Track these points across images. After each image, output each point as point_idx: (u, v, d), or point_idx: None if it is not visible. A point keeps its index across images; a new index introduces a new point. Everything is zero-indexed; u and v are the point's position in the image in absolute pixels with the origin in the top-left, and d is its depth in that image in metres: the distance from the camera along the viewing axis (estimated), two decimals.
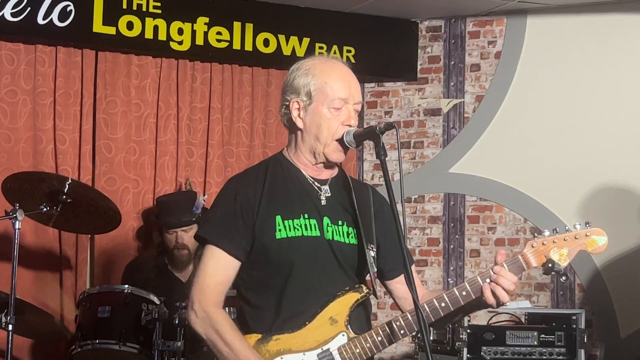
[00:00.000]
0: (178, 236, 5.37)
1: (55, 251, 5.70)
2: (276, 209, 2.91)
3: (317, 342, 2.86)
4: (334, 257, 2.93)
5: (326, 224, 2.94)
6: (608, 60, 6.28)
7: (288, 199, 2.93)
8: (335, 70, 2.96)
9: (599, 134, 6.25)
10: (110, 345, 4.51)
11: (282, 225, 2.89)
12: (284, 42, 6.35)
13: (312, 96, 2.92)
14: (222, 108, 6.25)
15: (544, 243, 2.91)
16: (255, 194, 2.92)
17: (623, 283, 6.12)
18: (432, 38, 6.75)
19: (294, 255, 2.89)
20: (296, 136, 3.00)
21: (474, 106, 6.60)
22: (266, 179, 2.96)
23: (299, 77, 2.95)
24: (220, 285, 2.91)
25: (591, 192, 6.22)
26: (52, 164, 5.74)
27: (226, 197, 2.97)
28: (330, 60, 3.04)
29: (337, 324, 2.88)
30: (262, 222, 2.89)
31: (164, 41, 5.97)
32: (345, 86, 2.93)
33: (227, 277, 2.92)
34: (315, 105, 2.92)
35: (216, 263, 2.90)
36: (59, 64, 5.78)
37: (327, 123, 2.91)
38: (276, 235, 2.88)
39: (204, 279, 2.91)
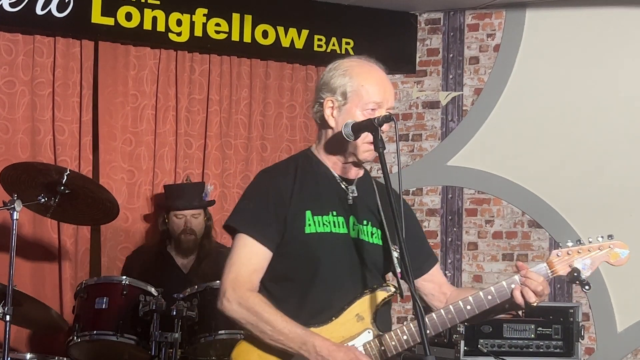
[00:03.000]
0: (187, 220, 5.40)
1: (53, 242, 5.70)
2: (306, 204, 2.94)
3: (343, 337, 2.88)
4: (358, 256, 2.97)
5: (352, 222, 2.99)
6: (607, 53, 6.28)
7: (318, 195, 2.97)
8: (372, 74, 3.01)
9: (597, 126, 6.25)
10: (107, 337, 4.51)
11: (311, 220, 2.93)
12: (283, 34, 6.34)
13: (347, 97, 2.97)
14: (220, 100, 6.25)
15: (569, 253, 2.96)
16: (287, 188, 2.95)
17: (620, 277, 6.12)
18: (431, 31, 6.75)
19: (322, 251, 2.92)
20: (327, 134, 3.04)
21: (472, 99, 6.60)
22: (297, 174, 2.99)
23: (336, 77, 3.00)
24: (254, 273, 2.92)
25: (589, 185, 6.22)
26: (51, 155, 5.73)
27: (259, 190, 3.00)
28: (368, 63, 3.07)
29: (363, 320, 2.91)
30: (293, 216, 2.92)
31: (162, 32, 5.96)
32: (381, 91, 2.97)
33: (260, 265, 2.92)
34: (350, 107, 2.96)
35: (249, 252, 2.91)
36: (58, 54, 5.77)
37: None
38: (305, 229, 2.92)
39: (237, 267, 2.91)
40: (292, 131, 6.50)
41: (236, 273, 2.90)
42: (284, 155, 6.42)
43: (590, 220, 6.22)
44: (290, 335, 2.79)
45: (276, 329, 2.81)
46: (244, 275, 2.89)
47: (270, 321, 2.81)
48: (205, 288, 4.62)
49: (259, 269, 2.92)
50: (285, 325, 2.80)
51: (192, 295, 4.62)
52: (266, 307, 2.84)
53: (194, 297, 4.61)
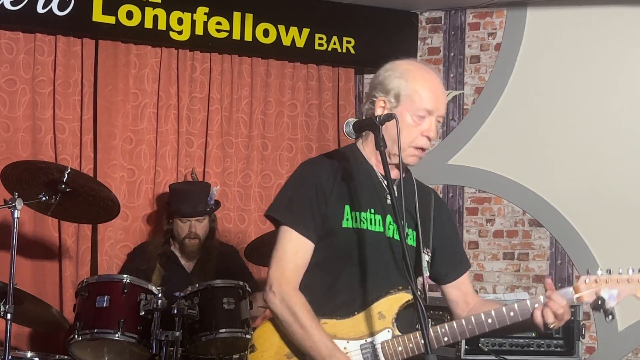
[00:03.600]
0: (191, 225, 5.37)
1: (54, 240, 5.70)
2: (346, 198, 2.98)
3: (362, 333, 2.94)
4: (392, 255, 3.01)
5: (389, 222, 3.02)
6: (608, 52, 6.27)
7: (358, 192, 3.00)
8: (427, 81, 3.01)
9: (598, 125, 6.25)
10: (108, 335, 4.50)
11: (349, 215, 2.97)
12: (284, 33, 6.34)
13: (400, 100, 2.98)
14: (221, 98, 6.24)
15: (597, 281, 2.95)
16: (328, 181, 2.98)
17: None
18: (432, 29, 6.75)
19: (356, 246, 2.97)
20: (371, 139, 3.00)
21: (473, 98, 6.59)
22: (340, 168, 3.02)
23: (391, 78, 3.00)
24: (300, 269, 2.97)
25: (590, 184, 6.22)
26: (52, 153, 5.73)
27: (301, 181, 3.02)
28: (425, 68, 3.08)
29: (384, 319, 2.95)
30: (332, 209, 2.96)
31: (163, 31, 5.96)
32: (434, 98, 2.99)
33: (305, 261, 2.97)
34: (401, 110, 2.96)
35: (296, 246, 2.96)
36: (59, 53, 5.77)
37: (408, 130, 2.96)
38: (343, 223, 2.96)
39: (285, 262, 2.96)
40: (294, 130, 6.49)
41: (284, 268, 2.95)
42: (284, 153, 6.43)
43: (591, 219, 6.22)
44: (319, 345, 2.86)
45: (308, 334, 2.87)
46: (291, 271, 2.95)
47: (306, 326, 2.87)
48: (206, 287, 4.62)
49: (303, 265, 2.98)
50: (317, 334, 2.87)
51: (193, 293, 4.62)
52: (305, 311, 2.89)
53: (194, 295, 4.61)
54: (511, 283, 6.37)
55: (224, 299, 4.63)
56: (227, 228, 6.18)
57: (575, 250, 6.27)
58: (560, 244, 6.31)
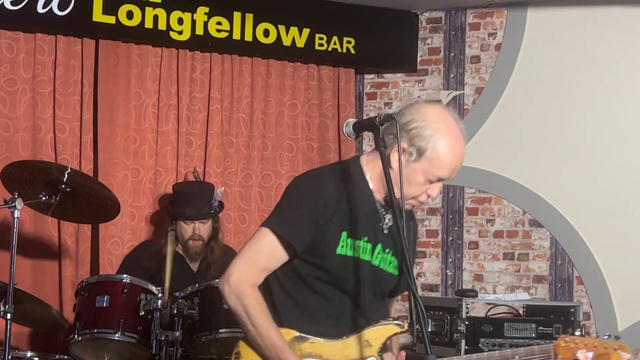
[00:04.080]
0: (195, 227, 5.34)
1: (54, 240, 5.70)
2: (344, 224, 2.96)
3: (347, 357, 2.95)
4: (376, 283, 3.03)
5: (378, 250, 3.02)
6: (608, 52, 6.27)
7: (357, 218, 2.98)
8: (454, 149, 2.94)
9: (598, 125, 6.25)
10: (108, 335, 4.51)
11: (345, 242, 2.96)
12: (284, 33, 6.34)
13: (421, 158, 2.91)
14: (221, 98, 6.24)
15: (576, 342, 3.06)
16: (332, 203, 2.95)
17: (621, 276, 6.13)
18: (432, 29, 6.75)
19: (348, 273, 2.97)
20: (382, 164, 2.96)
21: (473, 98, 6.59)
22: (343, 191, 2.98)
23: (421, 131, 2.90)
24: (265, 271, 2.97)
25: (590, 185, 6.22)
26: (52, 153, 5.73)
27: (305, 197, 2.97)
28: (457, 132, 2.97)
29: (371, 348, 2.97)
30: (330, 233, 2.94)
31: (163, 31, 5.96)
32: (451, 169, 2.96)
33: (273, 266, 2.97)
34: (418, 166, 2.92)
35: (270, 251, 2.95)
36: (59, 52, 5.77)
37: (415, 186, 2.95)
38: (337, 250, 2.95)
39: (252, 260, 2.96)
40: (294, 130, 6.49)
41: (249, 265, 2.95)
42: (285, 153, 6.43)
43: (591, 220, 6.22)
44: (269, 346, 2.88)
45: (259, 333, 2.89)
46: (255, 270, 2.95)
47: (257, 325, 2.89)
48: (206, 287, 4.62)
49: (271, 269, 2.97)
50: (268, 335, 2.88)
51: (193, 293, 4.62)
52: (259, 311, 2.91)
53: (194, 295, 4.61)
54: (511, 283, 6.37)
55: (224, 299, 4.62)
56: (228, 228, 6.18)
57: (575, 250, 6.27)
58: (561, 244, 6.31)
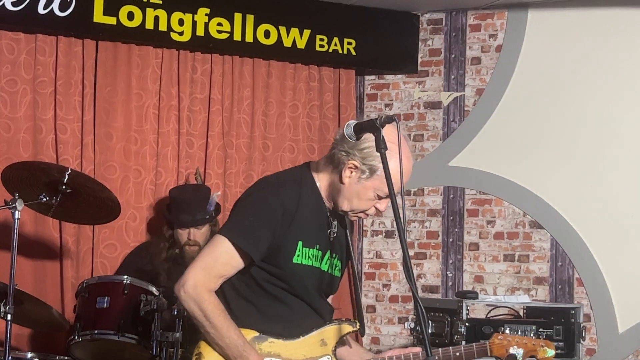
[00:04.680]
0: (191, 233, 5.34)
1: (54, 241, 5.70)
2: (300, 234, 3.12)
3: (304, 356, 3.13)
4: (325, 287, 3.26)
5: (327, 256, 3.22)
6: (609, 54, 6.27)
7: (311, 227, 3.15)
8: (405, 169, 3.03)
9: (599, 127, 6.24)
10: (108, 336, 4.51)
11: (300, 251, 3.12)
12: (285, 34, 6.34)
13: (373, 176, 3.08)
14: (222, 99, 6.25)
15: (508, 339, 3.36)
16: (290, 213, 3.09)
17: (621, 278, 6.13)
18: (433, 31, 6.75)
19: (302, 280, 3.15)
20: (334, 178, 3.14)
21: (474, 99, 6.59)
22: (300, 201, 3.12)
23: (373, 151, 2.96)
24: (221, 278, 3.09)
25: (591, 186, 6.22)
26: (53, 153, 5.73)
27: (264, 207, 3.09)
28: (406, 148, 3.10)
29: (326, 346, 3.18)
30: (287, 243, 3.10)
31: (164, 32, 5.96)
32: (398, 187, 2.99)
33: (230, 274, 3.10)
34: (369, 184, 3.09)
35: (227, 259, 3.07)
36: (60, 53, 5.77)
37: (366, 202, 3.13)
38: (293, 259, 3.11)
39: (209, 268, 3.06)
40: (295, 131, 6.50)
41: (205, 272, 3.05)
42: (286, 154, 6.43)
43: (592, 221, 6.22)
44: (231, 345, 3.02)
45: (220, 334, 3.02)
46: (211, 277, 3.06)
47: (217, 327, 3.02)
48: None
49: (226, 276, 3.10)
50: (229, 335, 3.02)
51: None
52: (217, 313, 3.03)
53: None
54: (512, 285, 6.37)
55: None
56: None
57: (575, 252, 6.27)
58: (561, 246, 6.31)
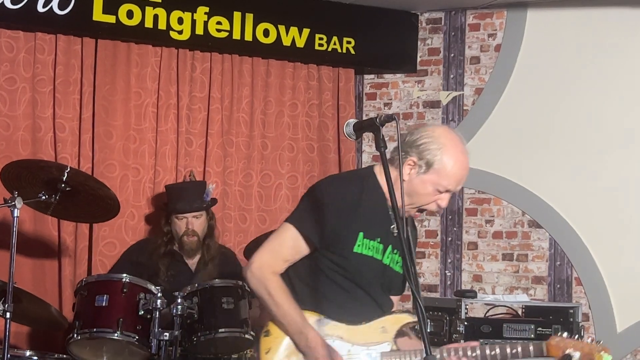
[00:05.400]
0: (188, 222, 5.37)
1: (53, 239, 5.71)
2: (361, 225, 3.23)
3: (365, 341, 3.23)
4: (382, 279, 3.32)
5: (389, 251, 3.31)
6: (608, 53, 6.28)
7: (372, 221, 3.25)
8: (460, 163, 3.27)
9: (598, 126, 6.25)
10: (107, 334, 4.50)
11: (361, 241, 3.24)
12: (284, 33, 6.34)
13: (430, 170, 3.22)
14: (221, 98, 6.25)
15: (566, 342, 3.33)
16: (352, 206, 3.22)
17: (620, 277, 6.13)
18: (432, 30, 6.75)
19: (363, 270, 3.25)
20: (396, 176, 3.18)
21: (473, 99, 6.60)
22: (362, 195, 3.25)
23: (429, 146, 3.21)
24: (285, 262, 3.25)
25: (589, 185, 6.22)
26: (51, 152, 5.73)
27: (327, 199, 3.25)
28: (462, 147, 3.31)
29: (386, 334, 3.26)
30: (349, 233, 3.22)
31: (163, 30, 5.96)
32: (459, 181, 3.29)
33: (294, 259, 3.26)
34: (427, 178, 3.22)
35: (292, 244, 3.25)
36: (59, 52, 5.77)
37: (426, 197, 3.25)
38: (354, 248, 3.23)
39: (274, 252, 3.26)
40: (294, 129, 6.50)
41: (271, 254, 3.25)
42: (285, 153, 6.43)
43: (590, 221, 6.23)
44: (291, 322, 3.16)
45: (281, 311, 3.17)
46: (276, 260, 3.23)
47: (279, 305, 3.17)
48: (206, 286, 4.63)
49: (290, 261, 3.25)
50: (290, 312, 3.17)
51: (193, 293, 4.62)
52: (280, 292, 3.19)
53: (194, 295, 4.61)
54: (510, 284, 6.37)
55: (223, 298, 4.64)
56: (228, 227, 6.19)
57: (574, 251, 6.27)
58: (560, 245, 6.31)
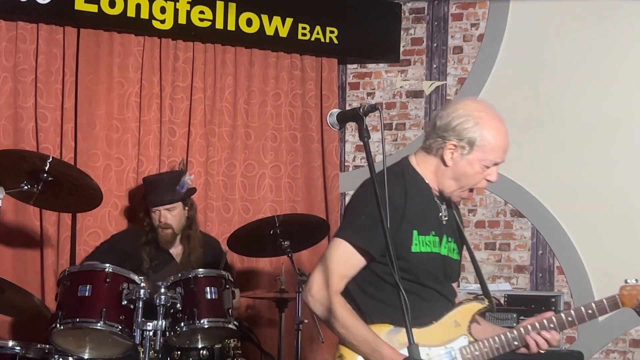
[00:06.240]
0: (161, 215, 5.35)
1: (36, 229, 5.69)
2: (413, 223, 3.15)
3: (442, 340, 3.16)
4: (444, 270, 3.26)
5: (444, 241, 3.25)
6: (590, 43, 6.30)
7: (422, 215, 3.18)
8: (501, 132, 3.20)
9: (580, 116, 6.28)
10: (90, 324, 4.49)
11: (417, 239, 3.16)
12: (267, 22, 6.33)
13: (474, 149, 3.14)
14: (204, 87, 6.23)
15: (638, 288, 3.22)
16: (400, 206, 3.11)
17: (602, 266, 6.16)
18: (415, 20, 6.75)
19: (424, 267, 3.17)
20: (437, 164, 3.19)
21: (456, 88, 6.61)
22: (407, 191, 3.16)
23: (465, 124, 3.12)
24: (344, 278, 3.12)
25: (571, 175, 6.25)
26: (33, 142, 5.71)
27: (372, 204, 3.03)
28: (497, 115, 3.22)
29: (460, 327, 3.21)
30: (403, 234, 3.12)
31: (146, 20, 5.94)
32: (504, 152, 3.21)
33: (351, 273, 3.14)
34: (472, 157, 3.15)
35: (345, 258, 3.12)
36: (41, 41, 5.74)
37: (475, 176, 3.18)
38: (412, 248, 3.15)
39: (332, 268, 3.10)
40: (277, 119, 6.49)
41: (327, 275, 3.10)
42: (268, 143, 6.42)
43: (572, 210, 6.25)
44: (362, 342, 3.05)
45: (351, 333, 3.06)
46: (334, 278, 3.10)
47: (347, 326, 3.06)
48: (189, 276, 4.62)
49: (349, 276, 3.14)
50: (359, 332, 3.06)
51: (176, 283, 4.61)
52: (345, 313, 3.07)
53: (177, 285, 4.60)
54: (492, 273, 6.40)
55: (206, 288, 4.63)
56: (211, 217, 6.18)
57: (556, 240, 6.30)
58: (542, 235, 6.34)
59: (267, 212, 6.25)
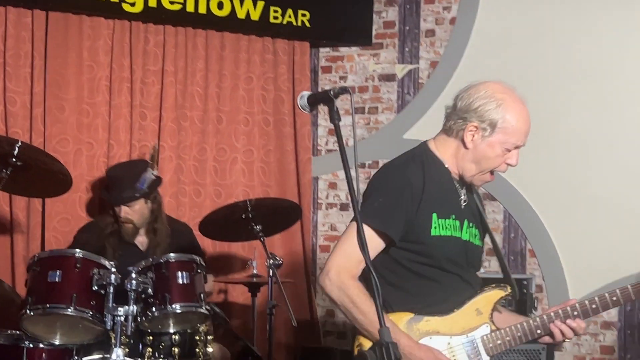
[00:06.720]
0: (122, 210, 5.29)
1: (5, 215, 5.64)
2: (433, 206, 3.11)
3: (463, 329, 3.15)
4: (468, 256, 3.23)
5: (465, 226, 3.21)
6: (563, 26, 6.31)
7: (442, 199, 3.15)
8: (523, 115, 3.18)
9: (551, 98, 6.29)
10: (60, 310, 4.45)
11: (437, 223, 3.11)
12: (239, 5, 6.30)
13: (495, 131, 3.13)
14: (175, 71, 6.19)
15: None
16: (418, 189, 3.09)
17: (573, 249, 6.20)
18: (387, 3, 6.74)
19: (445, 252, 3.13)
20: (457, 147, 3.18)
21: (428, 72, 6.61)
22: (425, 175, 3.13)
23: (488, 106, 3.15)
24: (361, 262, 3.00)
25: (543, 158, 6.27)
26: (2, 126, 5.66)
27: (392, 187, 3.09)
28: (519, 98, 3.23)
29: (482, 315, 3.19)
30: (422, 218, 3.09)
31: (116, 2, 5.89)
32: (526, 135, 3.17)
33: (371, 257, 2.98)
34: (493, 140, 3.13)
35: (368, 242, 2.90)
36: (9, 24, 5.68)
37: (495, 159, 3.17)
38: (432, 232, 3.10)
39: (348, 254, 3.03)
40: (250, 103, 6.47)
41: (345, 259, 3.03)
42: (240, 127, 6.39)
43: (544, 194, 6.28)
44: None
45: (368, 319, 2.98)
46: (352, 262, 3.02)
47: (365, 312, 2.98)
48: (160, 261, 4.59)
49: None
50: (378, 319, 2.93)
51: (147, 268, 4.59)
52: (364, 299, 2.99)
53: (148, 270, 4.58)
54: None
55: (178, 273, 4.60)
56: (183, 202, 6.15)
57: (528, 224, 6.33)
58: (514, 218, 6.37)
59: (240, 197, 6.23)
